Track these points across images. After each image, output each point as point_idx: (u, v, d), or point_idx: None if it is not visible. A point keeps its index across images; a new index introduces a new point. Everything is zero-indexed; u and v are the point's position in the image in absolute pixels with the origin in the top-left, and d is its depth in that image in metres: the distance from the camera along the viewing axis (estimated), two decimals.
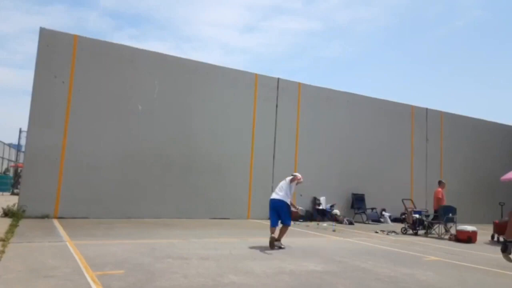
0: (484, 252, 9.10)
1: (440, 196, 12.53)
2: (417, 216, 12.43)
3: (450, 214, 11.95)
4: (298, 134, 15.33)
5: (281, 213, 8.12)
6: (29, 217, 10.35)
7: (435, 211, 12.35)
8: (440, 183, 12.84)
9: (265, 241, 8.04)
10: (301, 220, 14.13)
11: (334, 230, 11.80)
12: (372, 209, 16.03)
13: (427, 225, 12.19)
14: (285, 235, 8.13)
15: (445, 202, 12.47)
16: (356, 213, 15.71)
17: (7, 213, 10.41)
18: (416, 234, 12.15)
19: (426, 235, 11.97)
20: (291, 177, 8.79)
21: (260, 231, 10.76)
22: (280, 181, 9.07)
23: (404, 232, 12.36)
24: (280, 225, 8.20)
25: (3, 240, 6.80)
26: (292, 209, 8.40)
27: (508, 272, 6.75)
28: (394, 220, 16.11)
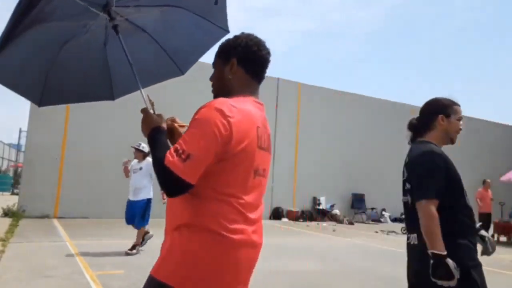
0: None
1: (479, 197, 11.88)
2: None
3: None
4: (298, 134, 15.32)
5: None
6: (29, 217, 10.35)
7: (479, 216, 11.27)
8: (483, 183, 12.17)
9: (265, 241, 8.03)
10: (301, 220, 14.14)
11: (334, 230, 11.80)
12: (372, 209, 16.03)
13: None
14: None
15: (488, 204, 11.60)
16: (356, 213, 15.71)
17: (7, 213, 10.41)
18: None
19: None
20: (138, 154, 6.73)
21: None
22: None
23: (404, 232, 12.32)
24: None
25: (3, 240, 6.80)
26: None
27: (508, 272, 6.75)
28: (394, 220, 16.11)
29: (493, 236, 11.58)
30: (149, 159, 6.54)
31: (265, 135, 1.54)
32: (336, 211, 15.10)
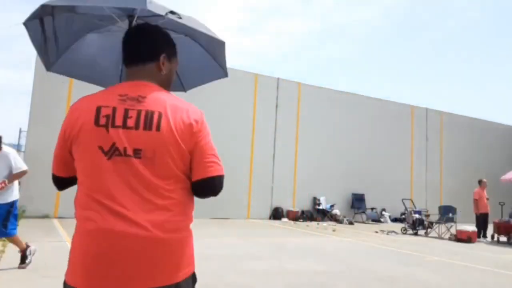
0: (484, 252, 9.10)
1: (476, 198, 11.86)
2: (417, 216, 12.44)
3: (450, 214, 11.96)
4: (298, 134, 15.32)
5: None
6: (29, 217, 10.35)
7: (476, 216, 11.93)
8: (479, 182, 12.23)
9: (266, 241, 8.05)
10: (301, 220, 14.14)
11: (334, 230, 11.81)
12: (372, 209, 16.03)
13: (427, 225, 12.19)
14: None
15: (485, 204, 11.78)
16: (356, 213, 15.71)
17: None
18: (416, 234, 12.15)
19: (426, 235, 11.97)
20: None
21: (260, 231, 10.77)
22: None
23: (404, 232, 12.36)
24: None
25: (3, 240, 6.80)
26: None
27: (508, 272, 6.75)
28: (394, 220, 16.12)
29: (493, 236, 11.60)
30: (6, 149, 5.05)
31: (131, 113, 1.41)
32: (336, 211, 15.10)
